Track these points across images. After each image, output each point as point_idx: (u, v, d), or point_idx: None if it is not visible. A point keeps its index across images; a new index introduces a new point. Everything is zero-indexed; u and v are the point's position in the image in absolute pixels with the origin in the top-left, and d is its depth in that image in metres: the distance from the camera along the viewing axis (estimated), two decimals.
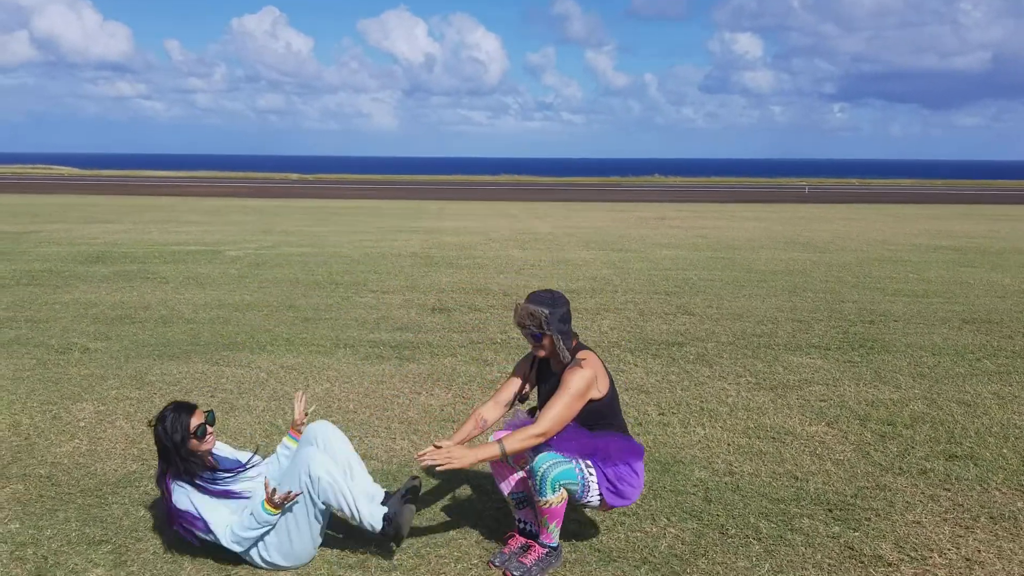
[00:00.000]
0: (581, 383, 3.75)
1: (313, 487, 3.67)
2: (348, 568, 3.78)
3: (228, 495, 3.76)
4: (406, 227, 21.66)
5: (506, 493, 3.99)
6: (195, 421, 3.80)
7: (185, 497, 3.71)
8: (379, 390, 6.58)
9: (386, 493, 4.03)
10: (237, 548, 3.68)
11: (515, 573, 3.69)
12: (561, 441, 3.77)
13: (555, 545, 3.80)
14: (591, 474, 3.77)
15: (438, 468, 3.51)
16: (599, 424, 3.87)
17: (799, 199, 41.19)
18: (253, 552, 3.72)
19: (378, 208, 30.42)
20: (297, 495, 3.66)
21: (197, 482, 3.75)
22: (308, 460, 3.71)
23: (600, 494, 3.80)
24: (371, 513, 3.75)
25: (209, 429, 3.84)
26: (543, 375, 4.05)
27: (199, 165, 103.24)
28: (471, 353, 7.82)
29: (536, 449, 3.75)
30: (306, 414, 4.30)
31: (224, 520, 3.70)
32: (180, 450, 3.74)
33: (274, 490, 3.64)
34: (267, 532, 3.68)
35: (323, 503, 3.72)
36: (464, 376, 7.02)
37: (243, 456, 4.09)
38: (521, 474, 3.95)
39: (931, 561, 3.90)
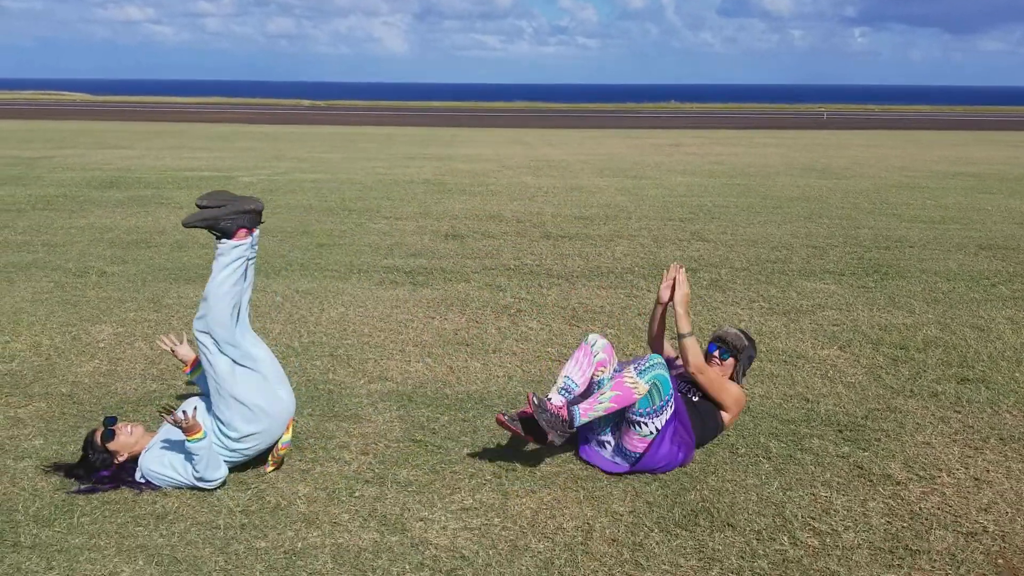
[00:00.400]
0: (739, 393, 4.21)
1: (217, 340, 3.69)
2: (366, 483, 3.87)
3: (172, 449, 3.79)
4: (419, 154, 21.52)
5: (564, 373, 4.08)
6: (97, 436, 3.82)
7: (140, 475, 3.79)
8: (393, 314, 6.63)
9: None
10: (216, 476, 3.72)
11: (535, 400, 3.83)
12: (675, 381, 4.08)
13: (575, 425, 3.87)
14: (668, 411, 3.92)
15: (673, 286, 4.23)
16: (698, 420, 4.09)
17: (817, 125, 40.59)
18: (232, 455, 3.77)
19: (391, 135, 30.19)
20: (186, 415, 3.60)
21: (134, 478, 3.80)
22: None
23: (657, 429, 3.90)
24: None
25: (115, 426, 3.82)
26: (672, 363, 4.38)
27: (209, 91, 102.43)
28: (484, 279, 7.84)
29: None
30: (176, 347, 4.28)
31: (181, 473, 3.73)
32: (107, 464, 3.79)
33: (175, 418, 3.61)
34: (206, 450, 3.66)
35: (221, 353, 3.70)
36: (477, 301, 7.05)
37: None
38: (586, 373, 4.09)
39: (939, 480, 3.96)
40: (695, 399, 4.16)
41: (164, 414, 3.69)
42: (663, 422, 3.94)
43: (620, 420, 3.98)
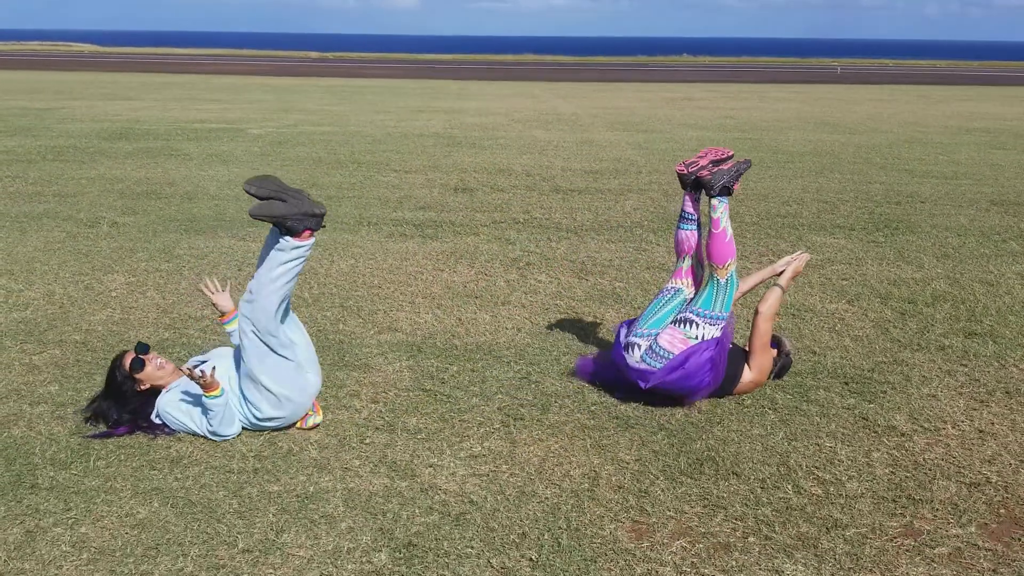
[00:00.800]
0: (767, 368, 4.32)
1: (258, 328, 3.68)
2: (376, 430, 3.93)
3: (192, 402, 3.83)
4: (428, 107, 21.38)
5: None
6: (127, 361, 3.85)
7: (156, 414, 3.84)
8: (403, 267, 6.66)
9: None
10: (229, 432, 3.77)
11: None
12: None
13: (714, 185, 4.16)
14: (718, 329, 4.09)
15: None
16: (731, 360, 4.23)
17: (831, 80, 40.09)
18: (253, 426, 3.82)
19: (399, 87, 29.98)
20: (207, 371, 3.67)
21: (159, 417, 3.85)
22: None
23: (702, 337, 4.07)
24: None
25: (147, 356, 3.86)
26: None
27: (215, 43, 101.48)
28: (493, 232, 7.85)
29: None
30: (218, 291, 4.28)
31: (196, 422, 3.79)
32: (129, 392, 3.84)
33: (193, 374, 3.65)
34: (222, 407, 3.71)
35: (260, 340, 3.70)
36: (486, 254, 7.07)
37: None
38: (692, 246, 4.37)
39: (944, 432, 3.99)
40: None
41: (183, 368, 3.74)
42: (711, 334, 4.05)
43: (671, 319, 4.16)
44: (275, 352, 3.74)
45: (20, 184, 9.79)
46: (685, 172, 4.26)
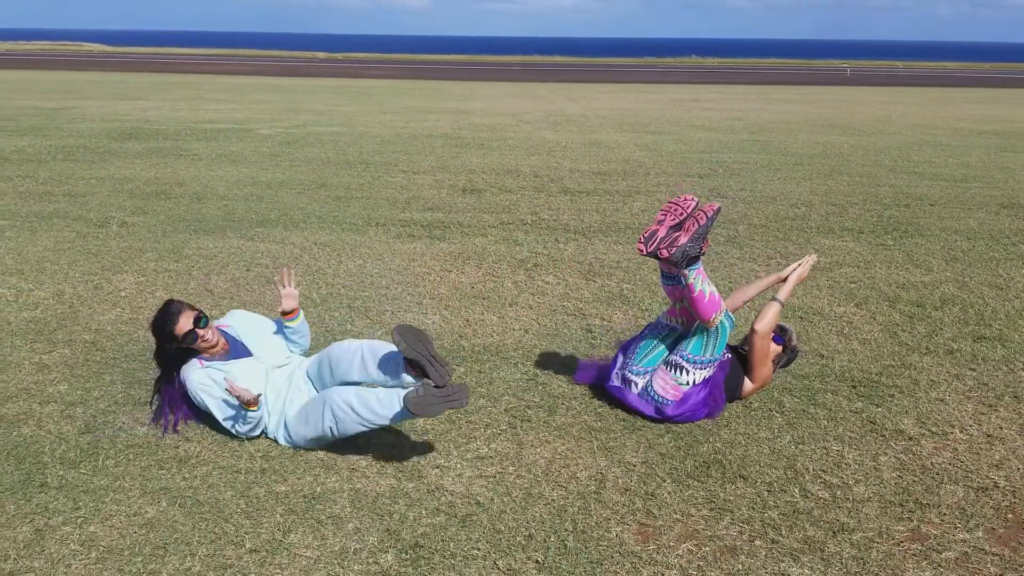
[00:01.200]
0: (769, 375, 4.32)
1: (337, 428, 3.61)
2: (383, 431, 3.93)
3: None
4: (436, 108, 21.40)
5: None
6: (183, 324, 3.75)
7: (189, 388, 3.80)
8: (411, 267, 6.67)
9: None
10: (251, 436, 3.77)
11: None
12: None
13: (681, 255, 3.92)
14: (711, 370, 4.06)
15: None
16: (731, 379, 4.22)
17: (840, 81, 39.99)
18: (285, 441, 3.81)
19: (407, 88, 30.02)
20: (248, 392, 3.59)
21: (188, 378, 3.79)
22: (327, 406, 3.62)
23: (694, 382, 4.01)
24: (388, 404, 3.57)
25: (200, 333, 3.76)
26: None
27: (223, 43, 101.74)
28: (501, 233, 7.85)
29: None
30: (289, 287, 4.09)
31: (222, 411, 3.75)
32: (170, 346, 3.78)
33: (235, 390, 3.60)
34: (255, 418, 3.69)
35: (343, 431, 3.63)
36: (494, 255, 7.07)
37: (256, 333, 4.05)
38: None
39: (952, 436, 3.98)
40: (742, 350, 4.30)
41: (227, 380, 3.65)
42: (703, 377, 4.02)
43: (662, 359, 4.11)
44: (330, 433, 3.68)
45: (31, 184, 9.83)
46: (645, 252, 3.93)
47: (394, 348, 3.66)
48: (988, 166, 12.46)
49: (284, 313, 4.09)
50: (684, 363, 4.02)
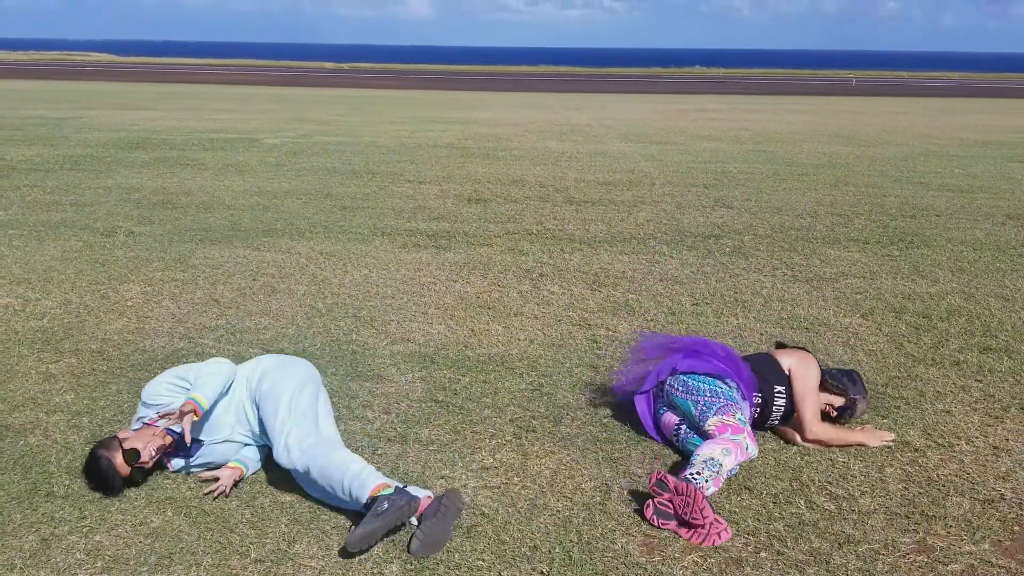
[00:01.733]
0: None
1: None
2: (388, 441, 3.93)
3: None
4: (441, 118, 21.47)
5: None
6: (122, 465, 3.41)
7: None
8: (416, 277, 6.68)
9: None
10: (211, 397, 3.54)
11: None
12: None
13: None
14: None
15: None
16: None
17: (846, 92, 40.01)
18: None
19: (413, 98, 30.11)
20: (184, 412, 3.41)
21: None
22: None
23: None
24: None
25: (143, 460, 3.43)
26: None
27: (228, 53, 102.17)
28: (507, 243, 7.87)
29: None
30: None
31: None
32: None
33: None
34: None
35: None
36: (500, 265, 7.08)
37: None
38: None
39: (958, 448, 3.97)
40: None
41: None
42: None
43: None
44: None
45: (38, 193, 9.88)
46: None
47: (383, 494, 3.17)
48: (994, 177, 12.45)
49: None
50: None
